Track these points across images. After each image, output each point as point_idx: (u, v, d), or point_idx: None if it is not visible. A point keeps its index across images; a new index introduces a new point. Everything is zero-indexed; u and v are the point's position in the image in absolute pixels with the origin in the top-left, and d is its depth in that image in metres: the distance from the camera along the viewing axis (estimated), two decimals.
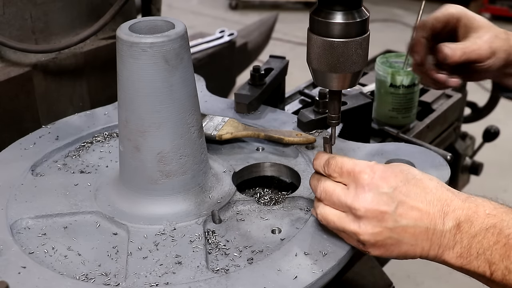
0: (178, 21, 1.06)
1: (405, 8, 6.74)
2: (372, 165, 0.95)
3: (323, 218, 0.98)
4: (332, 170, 0.98)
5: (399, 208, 0.91)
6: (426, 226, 0.91)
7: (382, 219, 0.91)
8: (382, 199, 0.92)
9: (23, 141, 1.30)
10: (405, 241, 0.92)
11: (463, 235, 0.89)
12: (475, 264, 0.89)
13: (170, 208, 1.08)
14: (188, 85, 1.06)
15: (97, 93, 1.59)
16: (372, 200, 0.92)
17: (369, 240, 0.93)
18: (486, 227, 0.88)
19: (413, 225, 0.91)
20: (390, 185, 0.92)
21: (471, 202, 0.91)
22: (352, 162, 0.96)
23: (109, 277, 0.96)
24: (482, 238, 0.88)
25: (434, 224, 0.91)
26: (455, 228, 0.90)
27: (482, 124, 2.12)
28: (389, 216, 0.91)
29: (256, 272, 0.94)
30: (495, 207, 0.91)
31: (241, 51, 2.47)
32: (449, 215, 0.90)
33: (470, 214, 0.90)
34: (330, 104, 1.05)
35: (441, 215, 0.91)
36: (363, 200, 0.92)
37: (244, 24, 3.49)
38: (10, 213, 1.08)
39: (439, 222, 0.91)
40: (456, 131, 1.88)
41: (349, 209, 0.94)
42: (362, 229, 0.93)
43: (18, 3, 1.41)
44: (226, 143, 1.30)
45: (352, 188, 0.94)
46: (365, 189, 0.93)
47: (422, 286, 2.89)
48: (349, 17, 0.95)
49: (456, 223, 0.90)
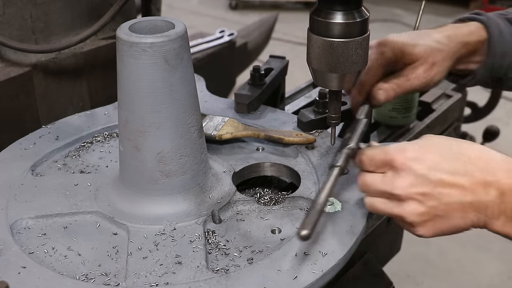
0: (178, 21, 1.06)
1: (405, 8, 6.74)
2: (402, 147, 0.95)
3: (371, 208, 1.00)
4: (367, 165, 0.99)
5: (438, 187, 0.92)
6: (469, 200, 0.91)
7: (423, 199, 0.92)
8: (418, 181, 0.92)
9: (23, 141, 1.30)
10: (452, 216, 0.93)
11: (507, 205, 0.89)
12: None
13: (170, 208, 1.08)
14: (188, 85, 1.06)
15: (97, 93, 1.59)
16: (410, 183, 0.93)
17: (415, 220, 0.94)
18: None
19: (455, 201, 0.91)
20: (425, 165, 0.92)
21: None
22: (382, 151, 0.97)
23: (109, 277, 0.96)
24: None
25: (476, 196, 0.91)
26: (499, 197, 0.90)
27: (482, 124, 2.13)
28: (430, 196, 0.92)
29: (256, 272, 0.94)
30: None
31: (241, 51, 2.47)
32: (492, 186, 0.90)
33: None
34: (330, 104, 1.05)
35: (484, 186, 0.90)
36: (400, 185, 0.93)
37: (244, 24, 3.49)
38: (10, 213, 1.08)
39: (482, 193, 0.90)
40: (456, 131, 1.88)
41: (391, 196, 0.95)
42: (406, 211, 0.94)
43: (18, 3, 1.41)
44: (226, 143, 1.30)
45: (389, 175, 0.95)
46: (400, 174, 0.93)
47: (422, 285, 2.89)
48: (349, 17, 0.95)
49: (499, 192, 0.90)
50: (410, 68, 1.22)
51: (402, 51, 1.21)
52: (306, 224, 0.92)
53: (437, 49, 1.22)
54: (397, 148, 0.95)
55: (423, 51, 1.21)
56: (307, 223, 0.92)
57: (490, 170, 0.91)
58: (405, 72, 1.23)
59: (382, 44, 1.21)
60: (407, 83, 1.22)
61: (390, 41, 1.21)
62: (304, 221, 0.93)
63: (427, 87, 1.26)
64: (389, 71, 1.24)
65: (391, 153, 0.95)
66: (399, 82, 1.21)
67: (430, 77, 1.23)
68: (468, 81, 1.35)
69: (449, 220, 0.93)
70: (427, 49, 1.22)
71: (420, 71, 1.22)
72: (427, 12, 1.31)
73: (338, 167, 1.00)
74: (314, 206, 0.95)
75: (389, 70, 1.23)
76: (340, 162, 1.01)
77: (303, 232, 0.90)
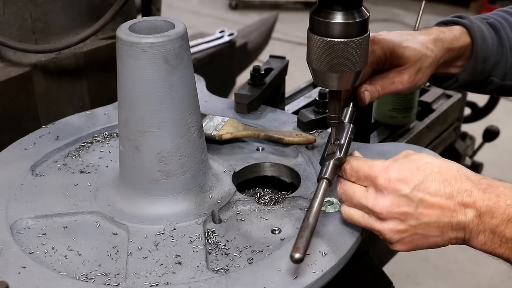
0: (178, 21, 1.06)
1: (405, 8, 6.74)
2: (387, 166, 0.95)
3: (348, 218, 1.01)
4: (350, 175, 1.00)
5: (419, 207, 0.93)
6: (447, 221, 0.93)
7: (404, 219, 0.94)
8: (401, 200, 0.93)
9: (23, 141, 1.30)
10: (430, 235, 0.95)
11: (485, 225, 0.91)
12: (499, 251, 0.92)
13: (170, 208, 1.08)
14: (188, 85, 1.06)
15: (97, 93, 1.59)
16: (392, 203, 0.94)
17: (394, 237, 0.96)
18: (508, 218, 0.90)
19: (435, 220, 0.93)
20: (408, 186, 0.93)
21: (492, 192, 0.92)
22: (367, 166, 0.97)
23: (109, 277, 0.96)
24: (504, 228, 0.90)
25: (456, 216, 0.92)
26: (477, 218, 0.91)
27: (482, 124, 2.13)
28: (410, 216, 0.93)
29: (256, 272, 0.94)
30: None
31: (241, 51, 2.48)
32: (470, 206, 0.91)
33: (491, 205, 0.91)
34: (330, 104, 1.05)
35: (462, 207, 0.92)
36: (383, 204, 0.94)
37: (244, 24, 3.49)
38: (10, 213, 1.08)
39: (460, 213, 0.92)
40: (456, 131, 1.88)
41: (371, 212, 0.96)
42: (385, 229, 0.95)
43: (18, 3, 1.41)
44: (226, 143, 1.30)
45: (371, 192, 0.96)
46: (383, 193, 0.94)
47: (422, 285, 2.89)
48: (349, 17, 0.95)
49: (477, 213, 0.91)
50: (397, 71, 1.23)
51: (392, 52, 1.22)
52: (298, 246, 0.90)
53: (425, 55, 1.23)
54: (381, 166, 0.96)
55: (412, 55, 1.22)
56: (299, 245, 0.91)
57: (468, 191, 0.92)
58: (391, 74, 1.23)
59: (376, 42, 1.21)
60: (391, 86, 1.23)
61: (381, 39, 1.21)
62: (297, 243, 0.91)
63: (409, 91, 1.28)
64: (378, 70, 1.24)
65: (376, 171, 0.96)
66: (384, 84, 1.22)
67: (414, 82, 1.24)
68: (450, 84, 1.37)
69: (427, 238, 0.95)
70: (416, 54, 1.23)
71: (405, 76, 1.23)
72: (427, 12, 1.31)
73: (325, 180, 1.00)
74: (306, 226, 0.94)
75: (378, 69, 1.23)
76: (327, 175, 1.00)
77: (296, 255, 0.89)
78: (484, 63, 1.30)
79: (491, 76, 1.34)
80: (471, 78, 1.33)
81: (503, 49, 1.32)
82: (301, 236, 0.92)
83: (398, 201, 0.93)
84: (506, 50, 1.32)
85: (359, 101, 1.21)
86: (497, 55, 1.32)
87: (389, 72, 1.23)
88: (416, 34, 1.27)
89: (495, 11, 1.40)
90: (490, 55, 1.30)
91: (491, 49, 1.30)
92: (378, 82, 1.22)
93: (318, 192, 0.99)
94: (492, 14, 1.38)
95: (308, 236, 0.92)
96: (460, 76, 1.32)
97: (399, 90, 1.24)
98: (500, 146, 3.28)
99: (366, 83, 1.21)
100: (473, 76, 1.32)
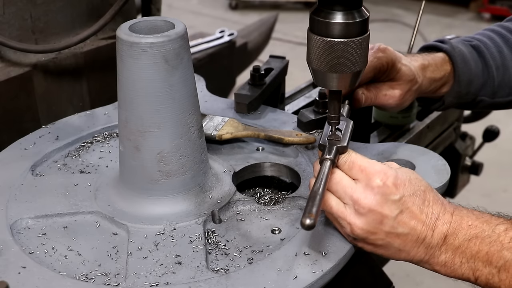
0: (178, 21, 1.06)
1: (405, 8, 6.74)
2: (386, 170, 0.96)
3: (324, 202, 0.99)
4: (343, 163, 0.99)
5: (400, 216, 0.95)
6: (417, 236, 0.96)
7: (381, 222, 0.95)
8: (387, 204, 0.95)
9: (23, 141, 1.30)
10: (394, 246, 0.97)
11: (448, 246, 0.96)
12: (459, 272, 0.96)
13: (170, 208, 1.08)
14: (188, 85, 1.06)
15: (97, 93, 1.59)
16: (378, 203, 0.94)
17: (361, 235, 0.96)
18: (468, 238, 0.95)
19: (406, 233, 0.96)
20: (399, 194, 0.95)
21: (457, 215, 0.97)
22: (367, 161, 0.98)
23: (109, 277, 0.96)
24: (465, 248, 0.95)
25: (424, 235, 0.96)
26: (442, 240, 0.96)
27: (482, 124, 2.13)
28: (388, 221, 0.95)
29: (256, 272, 0.94)
30: (477, 217, 0.96)
31: (241, 51, 2.47)
32: (438, 229, 0.96)
33: (455, 227, 0.96)
34: (330, 104, 1.05)
35: (432, 228, 0.96)
36: (369, 200, 0.94)
37: (244, 24, 3.49)
38: (10, 213, 1.08)
39: (428, 234, 0.96)
40: (456, 131, 1.88)
41: (353, 203, 0.95)
42: (358, 224, 0.95)
43: (18, 3, 1.41)
44: (226, 143, 1.30)
45: (361, 185, 0.96)
46: (374, 190, 0.95)
47: (421, 285, 2.89)
48: (349, 17, 0.94)
49: (443, 236, 0.96)
50: (390, 85, 1.25)
51: (393, 64, 1.23)
52: (309, 213, 0.89)
53: (415, 79, 1.26)
54: (382, 168, 0.96)
55: (407, 74, 1.25)
56: (309, 212, 0.89)
57: (440, 215, 0.97)
58: (384, 87, 1.25)
59: (382, 50, 1.23)
60: (383, 97, 1.25)
61: (387, 49, 1.24)
62: (306, 210, 0.89)
63: (394, 109, 1.30)
64: (376, 78, 1.25)
65: (376, 169, 0.96)
66: (377, 94, 1.24)
67: (402, 101, 1.26)
68: (438, 106, 1.39)
69: (389, 247, 0.98)
70: (411, 75, 1.25)
71: (397, 92, 1.25)
72: (427, 12, 1.31)
73: (329, 160, 0.98)
74: (313, 196, 0.92)
75: (377, 76, 1.25)
76: (331, 156, 0.99)
77: (307, 221, 0.87)
78: (468, 86, 1.33)
79: (479, 96, 1.36)
80: (457, 101, 1.36)
81: (489, 70, 1.34)
82: (309, 205, 0.90)
83: (384, 203, 0.94)
84: (491, 70, 1.34)
85: (356, 102, 1.22)
86: (483, 76, 1.34)
87: (383, 85, 1.26)
88: (409, 57, 1.30)
89: (482, 30, 1.43)
90: (474, 78, 1.33)
91: (475, 72, 1.32)
92: (372, 90, 1.24)
93: (324, 169, 0.97)
94: (478, 35, 1.40)
95: (318, 205, 0.90)
96: (446, 99, 1.36)
97: (388, 104, 1.26)
98: (500, 146, 3.28)
99: (363, 87, 1.23)
100: (459, 99, 1.35)
